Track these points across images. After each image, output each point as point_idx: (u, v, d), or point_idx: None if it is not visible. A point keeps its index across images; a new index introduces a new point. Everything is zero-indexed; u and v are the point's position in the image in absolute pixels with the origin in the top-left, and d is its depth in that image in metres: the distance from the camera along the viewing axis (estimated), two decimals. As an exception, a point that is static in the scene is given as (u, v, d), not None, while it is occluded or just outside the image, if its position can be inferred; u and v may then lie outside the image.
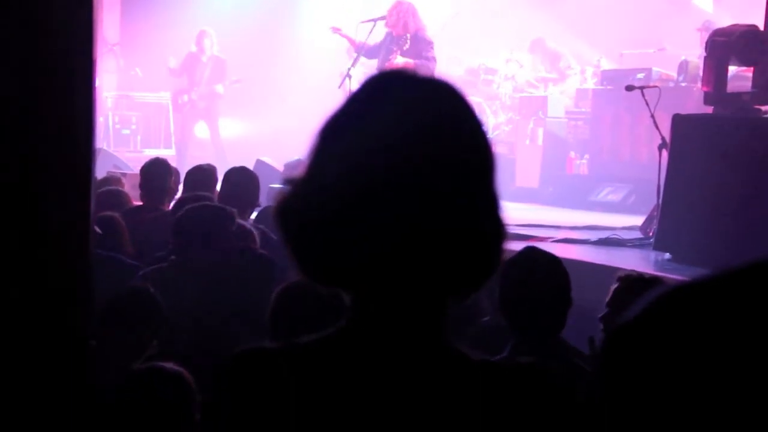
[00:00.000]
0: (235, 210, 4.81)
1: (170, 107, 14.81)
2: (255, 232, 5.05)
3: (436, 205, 1.29)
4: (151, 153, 12.24)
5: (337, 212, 1.30)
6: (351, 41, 10.64)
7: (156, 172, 6.32)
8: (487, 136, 1.36)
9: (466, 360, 1.36)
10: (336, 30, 10.71)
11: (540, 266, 3.48)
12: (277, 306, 3.26)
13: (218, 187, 6.49)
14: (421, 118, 1.31)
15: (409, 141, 1.29)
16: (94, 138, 1.99)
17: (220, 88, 13.71)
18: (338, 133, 1.34)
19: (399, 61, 10.18)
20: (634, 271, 4.27)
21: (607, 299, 3.71)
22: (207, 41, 13.75)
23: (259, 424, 1.33)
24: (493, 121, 13.21)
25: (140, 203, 6.39)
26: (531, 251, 3.57)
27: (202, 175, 6.42)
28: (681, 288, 0.93)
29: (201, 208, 4.77)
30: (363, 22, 10.55)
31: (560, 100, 12.48)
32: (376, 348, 1.34)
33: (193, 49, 13.85)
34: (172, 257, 4.69)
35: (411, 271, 1.31)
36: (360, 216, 1.29)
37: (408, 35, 10.18)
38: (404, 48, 10.16)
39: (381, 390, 1.32)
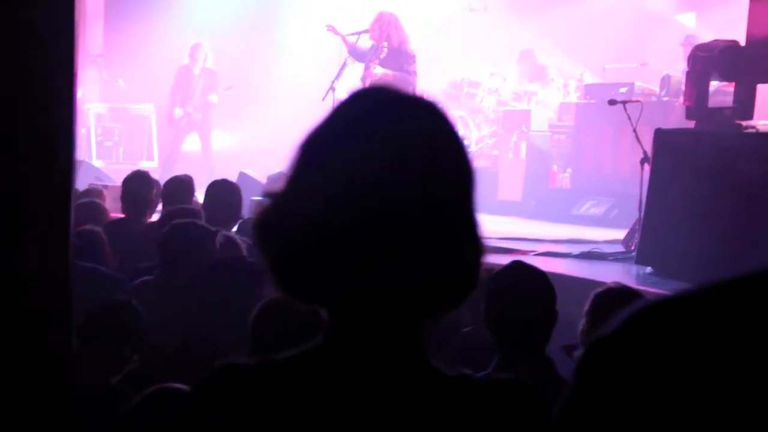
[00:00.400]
0: (217, 230, 4.82)
1: (153, 119, 14.78)
2: (241, 242, 5.04)
3: (416, 225, 1.29)
4: (134, 165, 12.21)
5: (316, 229, 1.30)
6: (345, 41, 10.63)
7: (138, 185, 6.31)
8: (469, 156, 1.37)
9: (442, 376, 1.35)
10: (331, 28, 10.71)
11: (527, 281, 3.48)
12: (259, 320, 3.24)
13: (196, 198, 6.49)
14: (403, 137, 1.31)
15: (390, 160, 1.29)
16: (74, 150, 1.98)
17: (213, 98, 13.77)
18: (319, 150, 1.34)
19: (378, 71, 10.20)
20: (617, 282, 4.27)
21: (585, 310, 3.71)
22: (201, 54, 13.80)
23: None
24: (477, 135, 13.23)
25: (121, 215, 6.38)
26: (518, 265, 3.56)
27: (179, 186, 6.42)
28: (659, 303, 0.93)
29: (186, 225, 4.78)
30: (347, 35, 10.57)
31: (543, 114, 12.52)
32: (353, 364, 1.33)
33: (186, 61, 13.87)
34: (156, 272, 4.67)
35: (389, 290, 1.31)
36: (338, 234, 1.29)
37: (385, 45, 10.20)
38: (381, 57, 10.18)
39: (358, 406, 1.32)
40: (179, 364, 3.81)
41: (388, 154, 1.29)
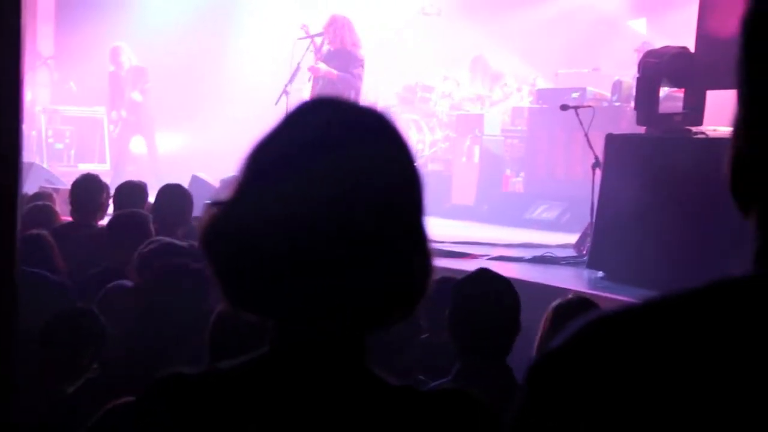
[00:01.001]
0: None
1: (105, 122, 14.68)
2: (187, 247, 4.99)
3: (364, 237, 1.29)
4: (86, 168, 12.10)
5: (262, 240, 1.30)
6: (313, 43, 10.58)
7: (87, 188, 6.24)
8: (417, 168, 1.37)
9: (385, 386, 1.35)
10: (305, 27, 10.65)
11: (493, 289, 3.49)
12: (215, 328, 3.20)
13: (149, 202, 6.45)
14: (352, 152, 1.31)
15: (336, 174, 1.30)
16: (20, 152, 1.95)
17: (136, 96, 13.70)
18: (268, 161, 1.34)
19: (321, 67, 10.20)
20: (578, 293, 4.29)
21: (544, 321, 3.73)
22: (123, 57, 13.77)
23: None
24: (430, 139, 13.27)
25: (70, 219, 6.30)
26: (485, 273, 3.58)
27: (131, 191, 6.37)
28: (604, 317, 0.94)
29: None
30: (300, 39, 10.56)
31: (497, 119, 12.57)
32: (296, 374, 1.33)
33: (111, 68, 13.83)
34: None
35: (334, 303, 1.31)
36: (284, 246, 1.29)
37: (323, 43, 10.26)
38: (320, 55, 10.24)
39: (300, 415, 1.32)
40: (134, 373, 3.77)
41: (337, 168, 1.30)
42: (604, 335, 0.92)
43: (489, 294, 3.46)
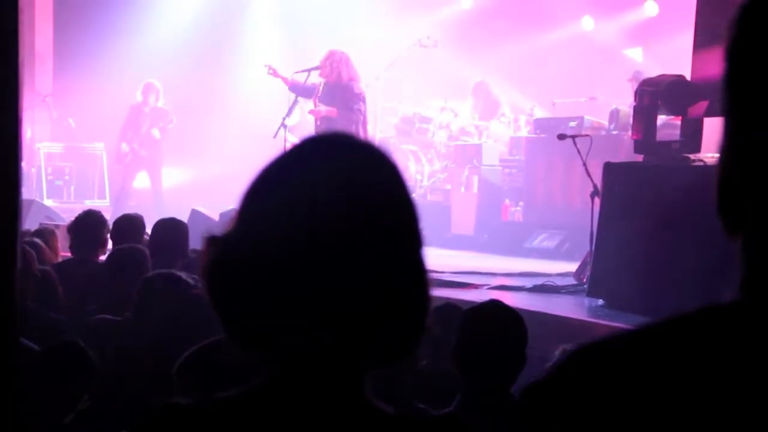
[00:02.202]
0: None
1: (104, 158, 14.71)
2: (188, 279, 4.98)
3: (360, 276, 1.30)
4: (86, 204, 12.12)
5: (261, 275, 1.31)
6: (284, 80, 10.66)
7: (88, 224, 6.24)
8: (414, 205, 1.38)
9: (383, 415, 1.35)
10: (271, 70, 10.71)
11: (502, 321, 3.49)
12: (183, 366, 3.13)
13: (146, 236, 6.44)
14: (349, 187, 1.32)
15: (335, 210, 1.31)
16: (19, 189, 1.96)
17: (156, 133, 13.72)
18: (266, 195, 1.35)
19: (321, 108, 10.24)
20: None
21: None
22: (152, 96, 13.80)
23: None
24: (429, 169, 13.29)
25: (69, 255, 6.29)
26: (495, 305, 3.59)
27: (128, 224, 6.35)
28: (593, 345, 0.95)
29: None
30: (297, 72, 10.60)
31: (494, 148, 12.60)
32: (294, 405, 1.33)
33: (139, 98, 13.85)
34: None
35: (332, 339, 1.31)
36: (282, 281, 1.30)
37: (322, 83, 10.28)
38: (318, 95, 10.26)
39: None
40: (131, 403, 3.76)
41: (335, 203, 1.31)
42: (593, 363, 0.93)
43: (497, 325, 3.46)
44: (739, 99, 0.95)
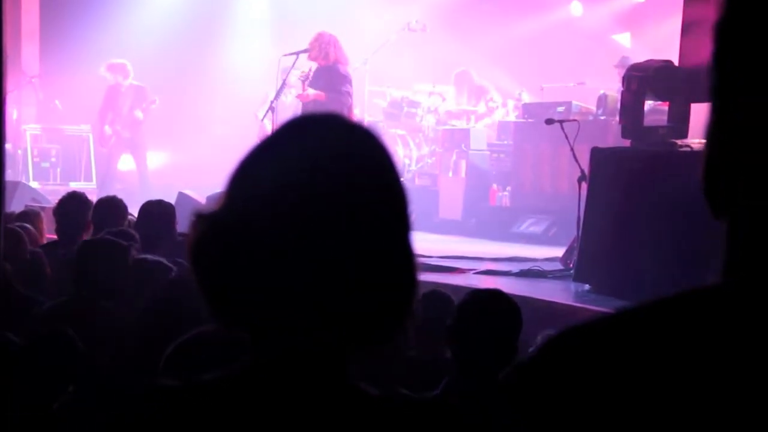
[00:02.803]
0: (132, 243, 4.75)
1: (91, 140, 14.65)
2: (168, 264, 4.97)
3: (350, 256, 1.30)
4: (72, 186, 12.08)
5: (248, 253, 1.30)
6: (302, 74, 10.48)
7: (72, 207, 6.20)
8: (403, 185, 1.37)
9: (367, 397, 1.35)
10: (305, 77, 10.47)
11: (502, 311, 3.50)
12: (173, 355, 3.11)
13: (131, 218, 6.40)
14: (338, 166, 1.32)
15: (323, 189, 1.30)
16: (4, 171, 1.95)
17: (139, 114, 13.64)
18: (253, 175, 1.34)
19: (310, 92, 10.22)
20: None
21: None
22: (119, 75, 13.72)
23: None
24: (417, 154, 13.29)
25: (54, 238, 6.26)
26: (498, 295, 3.59)
27: (109, 207, 6.29)
28: (575, 328, 0.96)
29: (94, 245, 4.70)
30: (285, 55, 10.57)
31: (482, 133, 12.60)
32: (279, 386, 1.33)
33: (111, 81, 13.76)
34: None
35: (318, 320, 1.31)
36: (270, 259, 1.29)
37: (311, 68, 10.24)
38: (307, 81, 10.22)
39: (282, 427, 1.31)
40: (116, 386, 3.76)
41: (324, 183, 1.30)
42: (577, 345, 0.94)
43: (496, 315, 3.48)
44: (726, 79, 0.95)
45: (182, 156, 15.27)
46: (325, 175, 1.31)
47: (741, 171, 0.94)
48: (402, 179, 1.39)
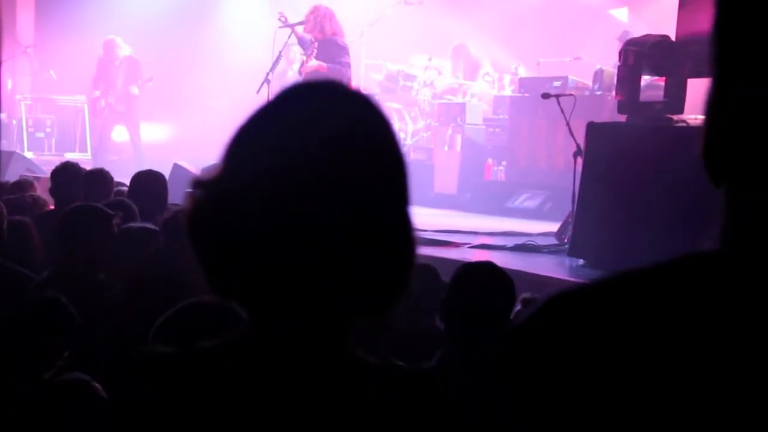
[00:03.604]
0: (118, 212, 4.74)
1: (86, 110, 14.62)
2: (160, 232, 4.96)
3: (345, 223, 1.28)
4: (67, 156, 12.06)
5: (246, 223, 1.29)
6: (294, 32, 10.54)
7: (67, 177, 6.20)
8: (402, 151, 1.36)
9: (366, 365, 1.35)
10: (283, 17, 10.58)
11: (495, 285, 3.51)
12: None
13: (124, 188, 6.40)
14: (335, 133, 1.30)
15: (321, 155, 1.29)
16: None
17: (134, 89, 13.61)
18: (251, 142, 1.33)
19: (312, 63, 10.21)
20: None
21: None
22: (117, 49, 13.67)
23: (158, 429, 1.31)
24: (412, 128, 13.28)
25: (52, 208, 6.27)
26: (491, 268, 3.59)
27: (96, 179, 6.28)
28: (565, 293, 0.97)
29: (77, 211, 4.68)
30: (280, 27, 10.54)
31: (478, 107, 12.59)
32: (276, 355, 1.33)
33: (103, 55, 13.73)
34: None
35: (316, 287, 1.30)
36: (268, 229, 1.28)
37: (315, 42, 10.24)
38: (313, 54, 10.22)
39: (281, 394, 1.32)
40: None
41: (320, 149, 1.29)
42: (565, 310, 0.95)
43: (492, 284, 3.48)
44: (726, 49, 0.95)
45: (178, 128, 15.25)
46: (324, 142, 1.29)
47: (739, 140, 0.94)
48: (402, 148, 1.38)
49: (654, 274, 0.95)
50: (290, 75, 11.66)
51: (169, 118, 15.29)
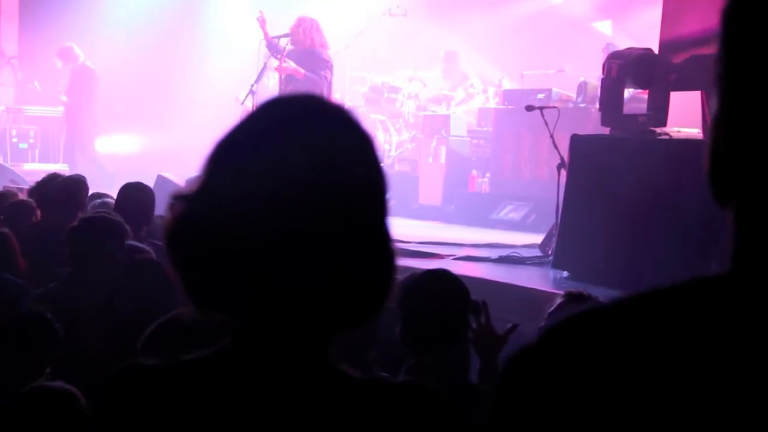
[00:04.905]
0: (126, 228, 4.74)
1: (69, 122, 14.61)
2: (149, 248, 4.96)
3: (325, 237, 1.29)
4: (50, 168, 12.02)
5: (225, 236, 1.29)
6: (265, 34, 10.57)
7: (51, 189, 6.16)
8: (381, 167, 1.36)
9: (349, 379, 1.36)
10: (262, 17, 10.60)
11: (447, 291, 3.49)
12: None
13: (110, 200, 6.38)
14: (316, 148, 1.31)
15: (301, 172, 1.29)
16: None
17: (63, 97, 13.90)
18: (230, 155, 1.33)
19: (290, 64, 10.21)
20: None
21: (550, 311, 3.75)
22: (74, 55, 13.71)
23: None
24: (397, 139, 13.28)
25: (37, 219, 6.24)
26: (443, 274, 3.57)
27: (65, 189, 6.20)
28: (580, 315, 0.95)
29: (94, 219, 4.68)
30: (266, 39, 10.54)
31: (463, 119, 12.60)
32: (259, 368, 1.33)
33: (59, 65, 13.80)
34: (65, 271, 4.56)
35: (296, 302, 1.30)
36: (246, 242, 1.29)
37: (286, 46, 10.27)
38: (284, 53, 10.25)
39: (264, 408, 1.32)
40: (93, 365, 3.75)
41: (298, 164, 1.29)
42: (578, 333, 0.93)
43: (442, 294, 3.46)
44: (733, 63, 0.93)
45: (162, 139, 15.21)
46: (302, 158, 1.29)
47: (748, 157, 0.92)
48: (382, 163, 1.38)
49: (662, 300, 0.93)
50: (271, 85, 11.63)
51: (153, 129, 15.25)
